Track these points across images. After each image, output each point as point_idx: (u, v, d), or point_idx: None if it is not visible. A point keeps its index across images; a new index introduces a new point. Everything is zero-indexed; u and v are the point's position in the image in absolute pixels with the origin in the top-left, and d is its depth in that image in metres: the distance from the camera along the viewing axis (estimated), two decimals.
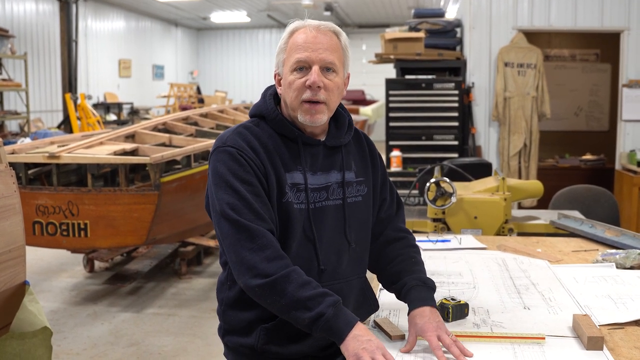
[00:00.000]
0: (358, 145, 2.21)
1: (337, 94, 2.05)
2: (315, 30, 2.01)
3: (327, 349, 2.08)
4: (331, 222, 2.07)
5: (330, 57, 2.00)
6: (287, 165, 2.02)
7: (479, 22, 7.63)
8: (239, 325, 2.08)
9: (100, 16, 19.01)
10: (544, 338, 2.00)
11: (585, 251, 3.19)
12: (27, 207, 5.34)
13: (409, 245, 2.24)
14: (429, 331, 1.93)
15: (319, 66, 1.98)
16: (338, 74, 2.04)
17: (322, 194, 2.06)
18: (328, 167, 2.09)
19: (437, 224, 4.08)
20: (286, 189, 2.00)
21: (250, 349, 2.06)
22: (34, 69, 15.61)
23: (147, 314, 5.65)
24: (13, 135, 13.19)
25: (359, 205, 2.13)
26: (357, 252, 2.12)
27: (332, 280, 2.04)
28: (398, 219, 2.30)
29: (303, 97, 1.99)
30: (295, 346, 2.04)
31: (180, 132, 7.28)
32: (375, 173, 2.23)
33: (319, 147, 2.08)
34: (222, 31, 25.45)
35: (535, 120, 7.53)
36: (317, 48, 1.98)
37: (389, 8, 20.04)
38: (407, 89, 7.61)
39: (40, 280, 6.55)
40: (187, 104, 18.22)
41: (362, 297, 2.13)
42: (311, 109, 2.00)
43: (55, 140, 6.55)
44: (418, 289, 2.07)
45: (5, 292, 3.15)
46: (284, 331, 2.02)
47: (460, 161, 5.30)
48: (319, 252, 2.02)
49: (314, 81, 1.96)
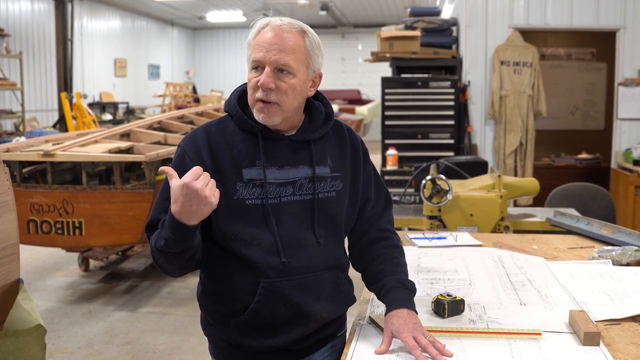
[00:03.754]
0: (339, 140, 2.17)
1: (293, 96, 2.00)
2: (277, 29, 1.99)
3: (302, 342, 2.07)
4: (297, 217, 2.04)
5: (285, 58, 1.96)
6: (244, 161, 2.01)
7: (475, 21, 7.63)
8: (214, 319, 2.10)
9: (96, 15, 18.98)
10: (540, 334, 1.99)
11: (581, 248, 3.19)
12: (21, 205, 5.32)
13: (392, 246, 2.22)
14: (404, 332, 1.91)
15: (272, 67, 1.96)
16: (295, 76, 1.99)
17: (287, 188, 2.03)
18: (296, 162, 2.06)
19: (433, 221, 4.08)
20: (237, 186, 1.99)
21: (227, 343, 2.08)
22: (29, 68, 15.58)
23: (142, 312, 5.63)
24: (8, 135, 13.18)
25: (332, 200, 2.10)
26: (327, 247, 2.08)
27: (301, 274, 2.02)
28: (384, 219, 2.26)
29: (256, 96, 1.98)
30: (270, 340, 2.03)
31: (175, 131, 7.26)
32: (356, 170, 2.19)
33: (282, 142, 2.06)
34: (218, 31, 25.44)
35: (531, 119, 7.53)
36: (272, 49, 1.95)
37: (385, 7, 20.05)
38: (403, 88, 7.61)
39: (35, 279, 6.53)
40: (183, 104, 18.22)
41: (336, 291, 2.11)
42: (263, 109, 1.98)
43: (50, 139, 6.53)
44: (397, 290, 2.06)
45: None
46: (256, 325, 2.02)
47: (457, 159, 5.29)
48: (280, 246, 1.99)
49: (262, 82, 1.95)
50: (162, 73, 23.33)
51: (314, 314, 2.02)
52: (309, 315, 2.02)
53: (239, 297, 2.01)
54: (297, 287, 2.00)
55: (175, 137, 6.63)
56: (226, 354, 2.11)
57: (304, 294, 2.01)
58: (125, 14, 20.66)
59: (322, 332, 2.10)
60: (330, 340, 2.13)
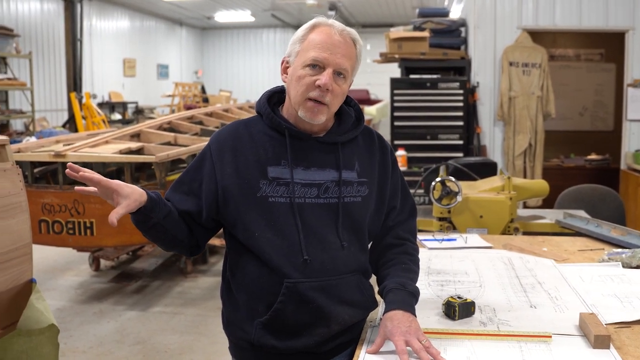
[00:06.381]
0: (368, 145, 2.19)
1: (341, 99, 2.06)
2: (339, 33, 2.02)
3: (323, 345, 2.08)
4: (321, 220, 2.05)
5: (346, 63, 2.01)
6: (270, 159, 2.04)
7: (484, 22, 7.63)
8: (237, 319, 2.11)
9: (105, 15, 19.03)
10: (551, 336, 2.00)
11: (591, 250, 3.19)
12: (33, 205, 5.35)
13: (405, 252, 2.22)
14: (396, 335, 1.91)
15: (333, 69, 1.99)
16: (346, 81, 2.05)
17: (312, 190, 2.05)
18: (323, 164, 2.07)
19: (443, 223, 4.09)
20: (261, 183, 2.02)
21: (249, 343, 2.08)
22: (38, 68, 15.63)
23: (152, 312, 5.66)
24: (18, 134, 13.22)
25: (357, 205, 2.10)
26: (350, 250, 2.09)
27: (324, 276, 2.03)
28: (404, 227, 2.26)
29: (310, 94, 1.99)
30: (292, 341, 2.04)
31: (185, 131, 7.29)
32: (384, 177, 2.19)
33: (309, 142, 2.08)
34: (227, 31, 25.45)
35: (540, 120, 7.53)
36: (336, 52, 1.99)
37: (394, 7, 20.03)
38: (411, 89, 7.62)
39: (46, 278, 6.56)
40: (192, 103, 18.25)
41: (359, 294, 2.12)
42: (314, 108, 2.00)
43: (61, 139, 6.56)
44: (395, 292, 2.06)
45: (12, 290, 3.16)
46: (279, 326, 2.03)
47: (466, 160, 5.29)
48: (303, 244, 2.01)
49: (324, 83, 1.97)
50: (171, 73, 23.36)
51: (335, 316, 2.03)
52: (330, 317, 2.03)
53: (263, 297, 2.02)
54: (320, 289, 2.01)
55: (185, 137, 6.65)
56: (247, 354, 2.12)
57: (326, 296, 2.02)
58: (134, 14, 20.70)
59: (343, 336, 2.11)
60: (352, 344, 2.12)
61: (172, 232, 2.06)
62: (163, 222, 2.02)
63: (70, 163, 1.89)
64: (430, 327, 2.08)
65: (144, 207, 1.94)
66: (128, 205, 1.89)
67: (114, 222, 1.84)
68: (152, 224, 2.00)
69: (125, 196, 1.90)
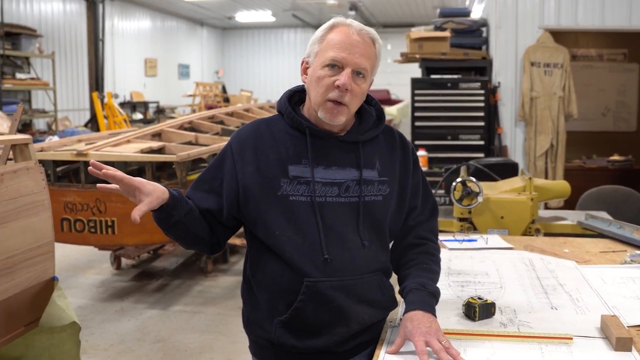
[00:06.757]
0: (389, 144, 2.18)
1: (360, 99, 2.06)
2: (357, 33, 2.01)
3: (343, 344, 2.08)
4: (342, 219, 2.05)
5: (365, 63, 2.00)
6: (291, 158, 2.05)
7: (505, 22, 7.59)
8: (257, 317, 2.11)
9: (127, 16, 19.16)
10: (572, 338, 1.99)
11: (613, 252, 3.17)
12: (55, 204, 5.38)
13: (426, 252, 2.21)
14: (416, 335, 1.91)
15: (351, 69, 1.98)
16: (366, 80, 2.04)
17: (332, 189, 2.05)
18: (344, 163, 2.07)
19: (464, 223, 4.07)
20: (282, 182, 2.02)
21: (269, 342, 2.09)
22: (61, 68, 15.77)
23: (173, 311, 5.69)
24: (41, 134, 13.34)
25: (378, 204, 2.10)
26: (371, 249, 2.09)
27: (344, 276, 2.02)
28: (425, 227, 2.26)
29: (329, 95, 2.00)
30: (311, 340, 2.04)
31: (206, 131, 7.32)
32: (405, 176, 2.19)
33: (330, 141, 2.08)
34: (247, 30, 25.54)
35: (562, 121, 7.48)
36: (355, 52, 1.98)
37: (414, 7, 19.99)
38: (432, 89, 7.60)
39: (67, 276, 6.62)
40: (213, 103, 18.32)
41: (379, 294, 2.12)
42: (334, 109, 2.00)
43: (83, 139, 6.62)
44: (415, 292, 2.05)
45: (34, 287, 3.20)
46: (299, 324, 2.03)
47: (487, 161, 5.28)
48: (324, 243, 2.00)
49: (344, 83, 1.96)
50: (192, 73, 23.47)
51: (355, 316, 2.03)
52: (350, 317, 2.03)
53: (283, 295, 2.02)
54: (340, 288, 2.01)
55: (205, 137, 6.68)
56: (268, 353, 2.12)
57: (346, 295, 2.01)
58: (155, 14, 20.83)
59: (363, 335, 2.10)
60: (371, 344, 2.11)
61: (193, 230, 2.07)
62: (184, 219, 2.03)
63: (93, 160, 1.91)
64: (450, 327, 2.08)
65: (165, 204, 1.95)
66: (150, 202, 1.91)
67: (137, 219, 1.85)
68: (174, 221, 2.01)
69: (148, 193, 1.91)
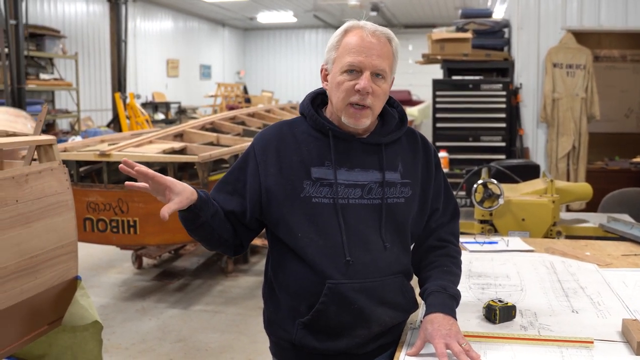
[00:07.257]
0: (411, 147, 2.18)
1: (383, 100, 2.06)
2: (371, 34, 2.02)
3: (364, 346, 2.09)
4: (365, 221, 2.05)
5: (382, 64, 2.00)
6: (314, 160, 2.05)
7: (527, 23, 7.55)
8: (279, 319, 2.12)
9: (149, 16, 19.28)
10: (593, 342, 1.98)
11: (635, 255, 3.15)
12: (78, 204, 5.44)
13: (447, 255, 2.21)
14: (436, 338, 1.91)
15: (370, 72, 1.99)
16: (386, 81, 2.04)
17: (355, 191, 2.05)
18: (366, 165, 2.08)
19: (484, 225, 4.06)
20: (304, 184, 2.03)
21: (290, 343, 2.10)
22: (84, 69, 15.90)
23: (194, 310, 5.73)
24: (64, 134, 13.46)
25: (400, 206, 2.10)
26: (394, 252, 2.09)
27: (366, 278, 2.03)
28: (447, 229, 2.26)
29: (350, 99, 2.00)
30: (332, 342, 2.05)
31: (227, 132, 7.34)
32: (427, 179, 2.19)
33: (353, 143, 2.09)
34: (269, 31, 25.59)
35: (584, 122, 7.42)
36: (371, 54, 1.99)
37: (436, 8, 19.93)
38: (454, 90, 7.58)
39: (90, 275, 6.68)
40: (234, 104, 18.39)
41: (401, 296, 2.12)
42: (356, 113, 2.01)
43: (106, 139, 6.67)
44: (436, 294, 2.06)
45: (57, 287, 3.23)
46: (320, 326, 2.04)
47: (508, 163, 5.25)
48: (346, 245, 2.01)
49: (364, 86, 1.97)
50: (214, 73, 23.56)
51: (376, 318, 2.04)
52: (371, 319, 2.03)
53: (304, 297, 2.03)
54: (361, 291, 2.01)
55: (227, 138, 6.71)
56: (289, 354, 2.14)
57: (367, 297, 2.02)
58: (178, 14, 20.94)
59: (384, 337, 2.11)
60: (392, 346, 2.12)
61: (218, 232, 2.09)
62: (210, 221, 2.04)
63: (125, 159, 1.93)
64: (470, 330, 2.08)
65: (193, 205, 1.97)
66: (180, 201, 1.93)
67: (166, 216, 1.88)
68: (200, 222, 2.03)
69: (178, 193, 1.94)
